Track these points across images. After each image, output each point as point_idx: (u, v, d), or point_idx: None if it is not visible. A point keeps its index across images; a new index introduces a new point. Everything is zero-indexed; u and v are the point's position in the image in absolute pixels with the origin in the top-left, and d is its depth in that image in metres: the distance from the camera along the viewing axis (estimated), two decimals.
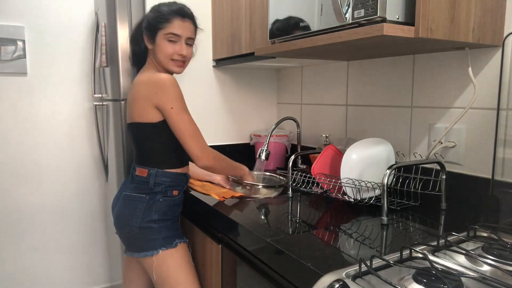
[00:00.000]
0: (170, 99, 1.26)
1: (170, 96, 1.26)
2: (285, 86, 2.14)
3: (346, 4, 1.01)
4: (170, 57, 1.34)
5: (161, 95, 1.26)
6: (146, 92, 1.28)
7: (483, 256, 0.83)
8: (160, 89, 1.26)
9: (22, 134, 2.12)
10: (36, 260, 2.23)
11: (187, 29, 1.34)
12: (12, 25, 2.03)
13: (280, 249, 0.92)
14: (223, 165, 1.40)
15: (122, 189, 1.41)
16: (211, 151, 1.34)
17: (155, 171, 1.33)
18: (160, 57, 1.34)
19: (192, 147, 1.30)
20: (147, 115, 1.29)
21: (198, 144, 1.30)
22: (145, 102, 1.28)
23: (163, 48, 1.33)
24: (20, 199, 2.15)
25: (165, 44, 1.32)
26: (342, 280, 0.74)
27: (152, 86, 1.27)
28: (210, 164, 1.34)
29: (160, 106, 1.27)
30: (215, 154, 1.36)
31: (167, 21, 1.31)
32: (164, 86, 1.26)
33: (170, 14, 1.32)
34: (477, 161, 1.23)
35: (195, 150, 1.30)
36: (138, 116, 1.32)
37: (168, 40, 1.32)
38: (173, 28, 1.32)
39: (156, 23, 1.32)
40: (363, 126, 1.65)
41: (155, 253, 1.30)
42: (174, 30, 1.32)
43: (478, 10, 1.07)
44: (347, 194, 1.25)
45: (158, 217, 1.32)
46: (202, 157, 1.31)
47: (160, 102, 1.27)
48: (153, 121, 1.30)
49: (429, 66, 1.35)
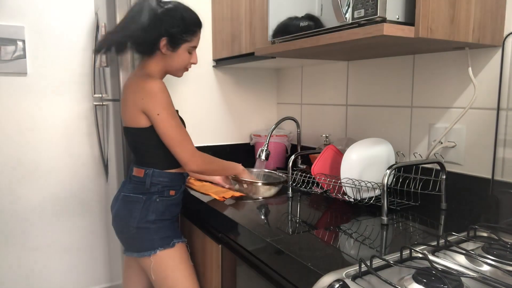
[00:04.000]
0: (156, 105, 1.25)
1: (157, 102, 1.25)
2: (285, 86, 2.14)
3: (346, 4, 1.01)
4: (186, 66, 1.37)
5: (148, 101, 1.25)
6: (133, 97, 1.28)
7: (483, 256, 0.83)
8: (147, 95, 1.25)
9: (22, 134, 2.12)
10: (36, 260, 2.23)
11: (199, 40, 1.39)
12: (12, 25, 2.03)
13: (280, 249, 0.92)
14: (214, 167, 1.39)
15: (121, 189, 1.41)
16: (199, 155, 1.33)
17: (152, 171, 1.32)
18: (176, 66, 1.35)
19: (179, 153, 1.29)
20: (137, 120, 1.29)
21: (185, 150, 1.29)
22: (133, 107, 1.28)
23: (184, 58, 1.34)
24: (20, 199, 2.15)
25: (186, 55, 1.34)
26: (342, 280, 0.74)
27: (139, 92, 1.26)
28: (199, 169, 1.33)
29: (147, 112, 1.27)
30: (204, 158, 1.34)
31: (193, 34, 1.33)
32: (151, 92, 1.25)
33: (196, 26, 1.33)
34: (477, 161, 1.23)
35: (183, 156, 1.29)
36: (129, 121, 1.32)
37: (189, 52, 1.35)
38: (196, 41, 1.35)
39: (183, 34, 1.30)
40: (363, 126, 1.65)
41: (153, 253, 1.30)
42: (196, 43, 1.36)
43: (478, 10, 1.07)
44: (347, 194, 1.25)
45: (155, 217, 1.32)
46: (190, 162, 1.30)
47: (147, 108, 1.26)
48: (144, 126, 1.29)
49: (429, 66, 1.35)
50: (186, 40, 1.31)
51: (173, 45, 1.31)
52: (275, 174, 1.67)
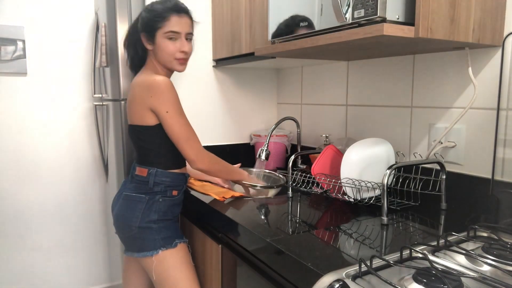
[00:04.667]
0: (165, 103, 1.26)
1: (165, 100, 1.25)
2: (285, 86, 2.14)
3: (346, 4, 1.01)
4: (173, 56, 1.32)
5: (156, 98, 1.25)
6: (141, 95, 1.27)
7: (483, 256, 0.83)
8: (155, 92, 1.25)
9: (22, 134, 2.12)
10: (36, 260, 2.22)
11: (185, 25, 1.32)
12: (12, 25, 2.03)
13: (280, 249, 0.92)
14: (219, 168, 1.39)
15: (122, 189, 1.41)
16: (206, 154, 1.34)
17: (155, 171, 1.33)
18: (163, 57, 1.32)
19: (187, 151, 1.30)
20: (144, 118, 1.29)
21: (193, 148, 1.30)
22: (141, 105, 1.28)
23: (165, 47, 1.31)
24: (20, 199, 2.15)
25: (166, 43, 1.31)
26: (342, 280, 0.74)
27: (147, 89, 1.26)
28: (205, 168, 1.33)
29: (155, 110, 1.27)
30: (210, 158, 1.35)
31: (164, 19, 1.29)
32: (159, 90, 1.25)
33: (166, 11, 1.29)
34: (477, 161, 1.23)
35: (190, 154, 1.30)
36: (136, 119, 1.32)
37: (168, 38, 1.30)
38: (171, 25, 1.29)
39: (153, 22, 1.30)
40: (363, 126, 1.65)
41: (155, 253, 1.30)
42: (173, 27, 1.30)
43: (478, 10, 1.07)
44: (347, 194, 1.25)
45: (157, 217, 1.32)
46: (197, 160, 1.31)
47: (155, 106, 1.26)
48: (150, 124, 1.30)
49: (429, 66, 1.35)
50: (158, 27, 1.29)
51: (150, 37, 1.32)
52: (274, 175, 1.67)
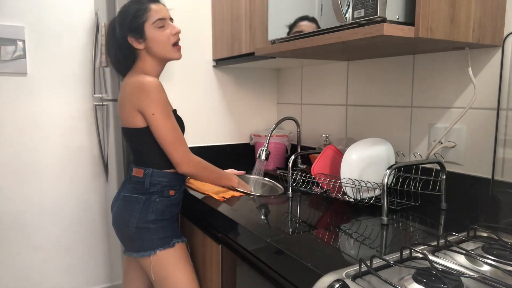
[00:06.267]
0: (152, 105, 1.25)
1: (152, 102, 1.25)
2: (285, 86, 2.14)
3: (346, 4, 1.01)
4: (169, 41, 1.31)
5: (144, 100, 1.25)
6: (130, 96, 1.27)
7: (483, 256, 0.83)
8: (142, 93, 1.24)
9: (22, 134, 2.12)
10: (36, 260, 2.23)
11: (165, 10, 1.33)
12: (12, 25, 2.03)
13: (280, 249, 0.92)
14: (207, 173, 1.38)
15: (121, 189, 1.41)
16: (193, 158, 1.33)
17: (151, 171, 1.32)
18: (159, 47, 1.31)
19: (172, 154, 1.29)
20: (133, 120, 1.29)
21: (178, 151, 1.29)
22: (130, 107, 1.28)
23: (159, 36, 1.30)
24: (20, 199, 2.15)
25: (158, 32, 1.30)
26: (342, 280, 0.74)
27: (135, 91, 1.26)
28: (190, 172, 1.33)
29: (142, 111, 1.26)
30: (197, 162, 1.34)
31: (145, 11, 1.29)
32: (147, 91, 1.24)
33: (144, 4, 1.30)
34: (477, 161, 1.23)
35: (175, 157, 1.29)
36: (126, 121, 1.31)
37: (158, 28, 1.30)
38: (155, 13, 1.30)
39: (136, 19, 1.29)
40: (363, 126, 1.65)
41: (153, 253, 1.30)
42: (158, 15, 1.30)
43: (478, 10, 1.07)
44: (347, 194, 1.25)
45: (155, 217, 1.32)
46: (182, 163, 1.30)
47: (142, 107, 1.25)
48: (140, 126, 1.29)
49: (429, 66, 1.35)
50: (144, 20, 1.29)
51: (139, 34, 1.30)
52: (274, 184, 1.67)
